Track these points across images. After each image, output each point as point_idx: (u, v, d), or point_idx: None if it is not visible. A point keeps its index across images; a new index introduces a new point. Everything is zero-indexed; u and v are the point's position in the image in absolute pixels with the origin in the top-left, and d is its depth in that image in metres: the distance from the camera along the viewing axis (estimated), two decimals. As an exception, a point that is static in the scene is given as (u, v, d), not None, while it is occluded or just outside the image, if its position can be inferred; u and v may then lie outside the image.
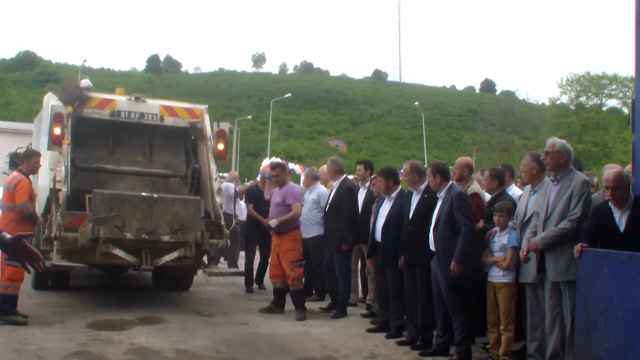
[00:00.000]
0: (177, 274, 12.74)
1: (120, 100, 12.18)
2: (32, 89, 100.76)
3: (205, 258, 11.37)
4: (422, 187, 9.15)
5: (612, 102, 71.58)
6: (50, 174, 10.96)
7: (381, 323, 9.89)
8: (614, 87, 68.71)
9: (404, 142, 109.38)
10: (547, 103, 77.48)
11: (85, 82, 12.12)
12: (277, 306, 11.23)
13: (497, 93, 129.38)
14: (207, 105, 12.94)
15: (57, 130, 11.00)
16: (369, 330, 9.88)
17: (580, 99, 70.10)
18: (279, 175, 11.49)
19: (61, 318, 9.83)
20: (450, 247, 8.21)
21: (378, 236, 9.68)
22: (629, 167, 8.25)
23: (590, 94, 70.03)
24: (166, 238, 10.30)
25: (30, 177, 10.31)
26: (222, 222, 11.26)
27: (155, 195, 10.62)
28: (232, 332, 9.61)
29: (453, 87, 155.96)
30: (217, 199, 11.55)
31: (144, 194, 10.78)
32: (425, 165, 9.73)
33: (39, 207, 11.28)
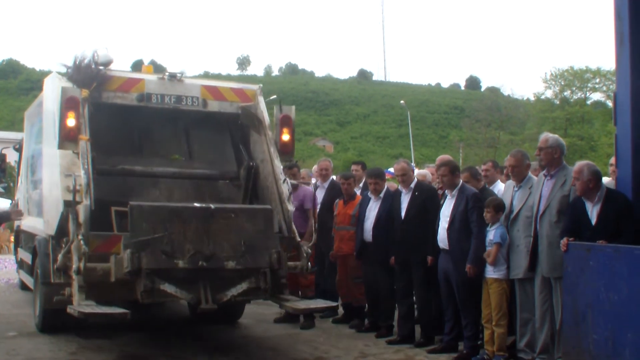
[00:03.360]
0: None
1: (150, 79, 9.46)
2: (16, 97, 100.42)
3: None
4: (412, 185, 9.20)
5: (597, 96, 71.93)
6: (63, 182, 8.24)
7: (371, 322, 9.90)
8: (597, 80, 69.00)
9: (391, 140, 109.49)
10: (532, 98, 77.68)
11: (103, 56, 9.08)
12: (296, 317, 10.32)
13: (483, 89, 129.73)
14: (260, 85, 10.33)
15: (71, 122, 8.19)
16: (359, 330, 9.88)
17: (565, 94, 70.38)
18: (295, 175, 10.61)
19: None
20: (466, 247, 8.27)
21: (368, 236, 9.67)
22: (613, 160, 8.32)
23: (574, 88, 70.30)
24: (231, 264, 7.75)
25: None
26: (298, 238, 8.93)
27: (212, 206, 8.07)
28: (223, 336, 9.62)
29: (438, 84, 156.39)
30: (289, 207, 9.00)
31: (196, 204, 8.17)
32: (413, 164, 9.80)
33: (49, 227, 8.89)
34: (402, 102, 77.51)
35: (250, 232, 7.98)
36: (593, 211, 7.10)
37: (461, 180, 8.73)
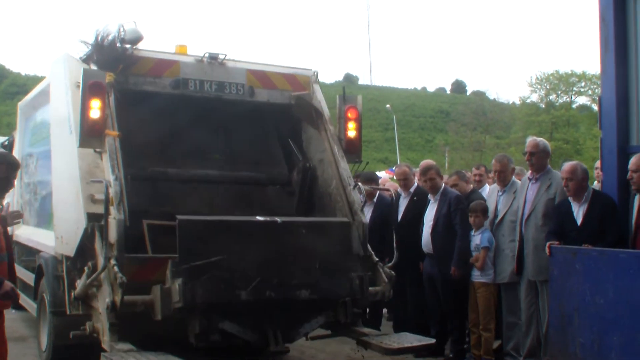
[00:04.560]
0: None
1: (187, 62, 7.80)
2: (1, 101, 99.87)
3: None
4: (412, 189, 9.19)
5: (582, 100, 72.18)
6: (85, 189, 6.60)
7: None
8: (582, 84, 69.29)
9: (377, 144, 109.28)
10: (518, 102, 77.88)
11: (131, 32, 7.39)
12: None
13: (468, 93, 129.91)
14: (316, 70, 8.48)
15: (95, 113, 6.56)
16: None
17: (550, 97, 70.58)
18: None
19: (36, 332, 9.70)
20: (450, 250, 8.29)
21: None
22: (598, 163, 8.38)
23: (559, 92, 70.54)
24: (305, 294, 6.24)
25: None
26: (376, 258, 7.35)
27: (278, 220, 6.49)
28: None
29: (424, 88, 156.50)
30: (362, 219, 7.33)
31: (260, 217, 6.59)
32: (415, 169, 9.83)
33: (65, 246, 7.13)
34: (387, 106, 77.66)
35: (326, 252, 6.50)
36: (579, 212, 7.14)
37: (444, 184, 8.76)
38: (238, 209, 7.53)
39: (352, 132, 7.97)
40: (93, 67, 7.21)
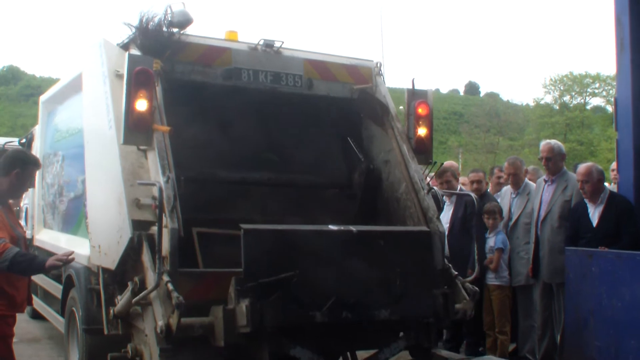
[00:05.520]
0: None
1: (239, 50, 6.82)
2: (16, 103, 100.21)
3: None
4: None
5: (596, 101, 71.95)
6: (128, 194, 5.70)
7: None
8: (597, 85, 69.06)
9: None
10: (532, 103, 77.66)
11: (179, 14, 6.40)
12: None
13: (481, 95, 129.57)
14: (379, 62, 7.55)
15: (141, 104, 5.64)
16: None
17: (564, 99, 70.39)
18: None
19: (50, 334, 9.74)
20: (467, 251, 8.19)
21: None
22: (614, 165, 8.34)
23: (574, 93, 70.32)
24: (384, 314, 5.45)
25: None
26: (455, 272, 6.34)
27: (353, 229, 5.67)
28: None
29: (437, 90, 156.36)
30: (439, 228, 6.34)
31: (332, 227, 5.67)
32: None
33: (103, 257, 6.16)
34: (400, 107, 77.49)
35: (406, 265, 5.65)
36: (595, 213, 7.12)
37: (460, 185, 8.71)
38: (294, 215, 6.78)
39: (422, 130, 7.00)
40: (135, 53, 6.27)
